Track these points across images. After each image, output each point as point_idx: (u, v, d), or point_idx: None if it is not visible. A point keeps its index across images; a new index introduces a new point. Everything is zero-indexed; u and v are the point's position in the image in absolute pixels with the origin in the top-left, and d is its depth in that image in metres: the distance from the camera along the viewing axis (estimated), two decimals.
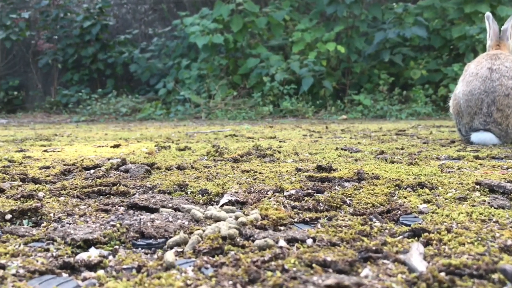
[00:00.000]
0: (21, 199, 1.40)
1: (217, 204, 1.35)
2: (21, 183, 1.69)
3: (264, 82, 8.86)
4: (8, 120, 8.86)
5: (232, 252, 0.92)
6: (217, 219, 1.11)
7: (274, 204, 1.31)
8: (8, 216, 1.19)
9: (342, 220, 1.16)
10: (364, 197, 1.39)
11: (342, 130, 4.70)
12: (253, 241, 0.98)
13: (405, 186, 1.54)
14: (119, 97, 10.15)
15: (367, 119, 7.71)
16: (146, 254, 0.97)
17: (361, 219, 1.15)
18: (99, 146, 3.05)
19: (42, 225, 1.16)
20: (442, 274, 0.79)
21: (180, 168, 2.00)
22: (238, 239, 0.99)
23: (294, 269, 0.82)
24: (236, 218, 1.10)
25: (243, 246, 0.95)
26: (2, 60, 12.45)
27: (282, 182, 1.63)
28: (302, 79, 8.64)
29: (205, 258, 0.90)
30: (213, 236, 0.97)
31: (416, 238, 1.02)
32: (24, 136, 4.25)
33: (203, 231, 1.03)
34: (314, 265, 0.83)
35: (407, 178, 1.67)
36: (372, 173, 1.77)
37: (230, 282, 0.77)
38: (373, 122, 6.68)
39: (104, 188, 1.53)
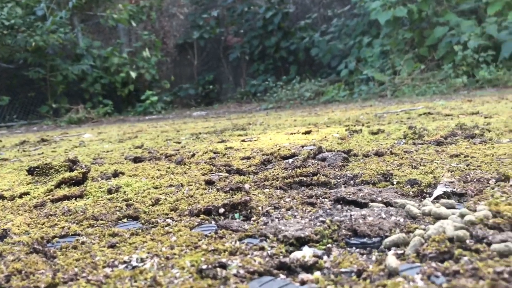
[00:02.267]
0: (230, 191, 1.46)
1: (430, 196, 1.21)
2: (227, 174, 1.78)
3: (455, 51, 8.11)
4: (207, 112, 9.76)
5: (465, 258, 0.79)
6: (438, 217, 0.99)
7: (502, 196, 1.12)
8: (221, 210, 1.24)
9: None
10: None
11: None
12: (488, 244, 0.84)
13: None
14: (302, 82, 10.37)
15: None
16: (362, 254, 0.90)
17: None
18: (291, 133, 3.10)
19: (252, 219, 1.17)
20: None
21: (378, 154, 1.89)
22: (468, 242, 0.85)
23: None
24: (461, 215, 0.96)
25: (477, 251, 0.81)
26: (198, 57, 13.76)
27: (504, 168, 1.41)
28: (502, 43, 7.65)
29: (433, 264, 0.78)
30: (439, 237, 0.85)
31: None
32: (222, 126, 4.58)
33: (425, 230, 0.91)
34: None
35: None
36: None
37: None
38: None
39: (305, 179, 1.51)
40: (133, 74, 11.04)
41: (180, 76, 13.76)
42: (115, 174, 1.93)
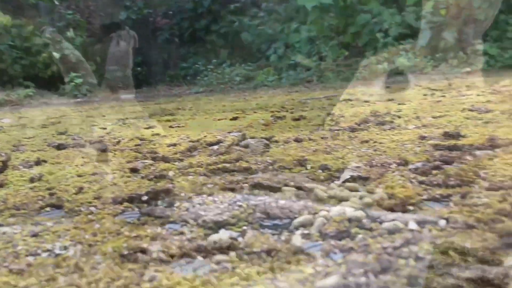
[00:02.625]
0: (154, 179, 1.51)
1: (338, 180, 1.33)
2: (152, 161, 1.82)
3: (377, 38, 8.48)
4: (135, 95, 9.57)
5: (360, 236, 0.90)
6: (341, 199, 1.10)
7: (399, 179, 1.25)
8: (145, 198, 1.28)
9: (477, 197, 1.08)
10: (500, 168, 1.28)
11: (467, 86, 4.36)
12: (380, 223, 0.96)
13: None
14: (232, 66, 10.42)
15: (494, 70, 7.05)
16: (273, 235, 0.99)
17: (499, 195, 1.05)
18: (219, 119, 3.16)
19: (175, 205, 1.23)
20: None
21: (297, 140, 2.00)
22: (364, 221, 0.97)
23: (429, 257, 0.78)
24: (361, 198, 1.08)
25: (370, 229, 0.93)
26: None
27: (405, 153, 1.56)
28: (419, 32, 8.11)
29: (332, 242, 0.89)
30: (339, 218, 0.96)
31: None
32: (150, 111, 4.56)
33: (328, 212, 1.02)
34: (450, 252, 0.78)
35: None
36: (507, 139, 1.62)
37: (361, 270, 0.76)
38: (502, 74, 6.09)
39: (227, 165, 1.58)
40: (56, 55, 10.56)
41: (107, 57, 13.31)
42: (38, 162, 1.91)
